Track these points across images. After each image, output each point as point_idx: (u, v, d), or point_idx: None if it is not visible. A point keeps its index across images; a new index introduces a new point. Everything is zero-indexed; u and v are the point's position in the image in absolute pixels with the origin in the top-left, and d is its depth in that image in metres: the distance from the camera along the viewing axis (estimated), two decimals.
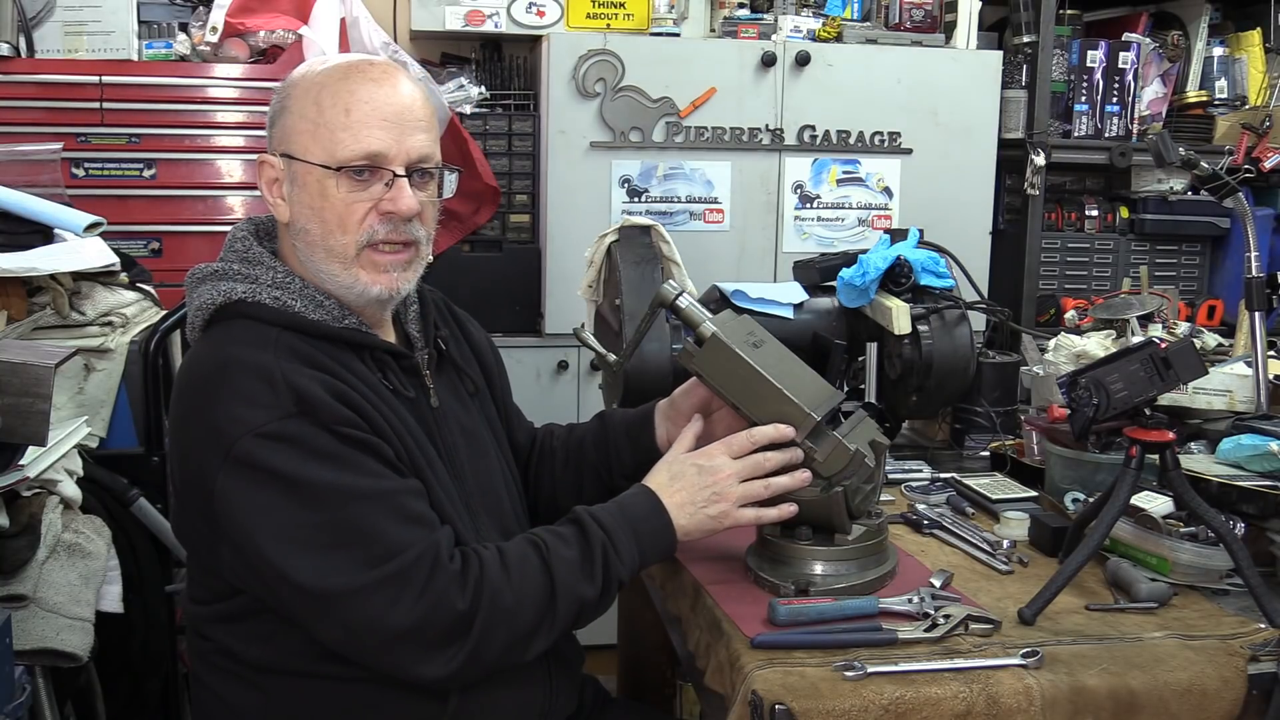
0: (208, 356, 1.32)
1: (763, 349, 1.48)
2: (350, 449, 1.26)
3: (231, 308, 1.34)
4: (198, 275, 1.40)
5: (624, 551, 1.35)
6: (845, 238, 3.33)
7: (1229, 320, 3.23)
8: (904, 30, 3.42)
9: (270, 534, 1.23)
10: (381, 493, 1.27)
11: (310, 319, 1.34)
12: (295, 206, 1.37)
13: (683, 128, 3.19)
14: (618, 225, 2.16)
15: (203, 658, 1.40)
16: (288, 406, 1.24)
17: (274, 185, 1.39)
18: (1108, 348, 2.00)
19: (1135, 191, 3.65)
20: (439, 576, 1.25)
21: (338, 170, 1.34)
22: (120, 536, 1.91)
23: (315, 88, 1.36)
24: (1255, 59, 3.64)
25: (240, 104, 3.00)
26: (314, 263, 1.38)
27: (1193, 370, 1.45)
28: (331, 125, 1.34)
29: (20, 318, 1.95)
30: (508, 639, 1.28)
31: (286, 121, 1.37)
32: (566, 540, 1.34)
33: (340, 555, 1.23)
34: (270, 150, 1.40)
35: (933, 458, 2.09)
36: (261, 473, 1.23)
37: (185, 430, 1.31)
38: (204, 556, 1.35)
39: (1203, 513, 1.45)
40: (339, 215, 1.35)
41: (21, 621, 1.58)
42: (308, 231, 1.37)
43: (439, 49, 3.59)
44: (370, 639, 1.25)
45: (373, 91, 1.35)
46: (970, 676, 1.25)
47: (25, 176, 2.22)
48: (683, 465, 1.43)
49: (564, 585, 1.31)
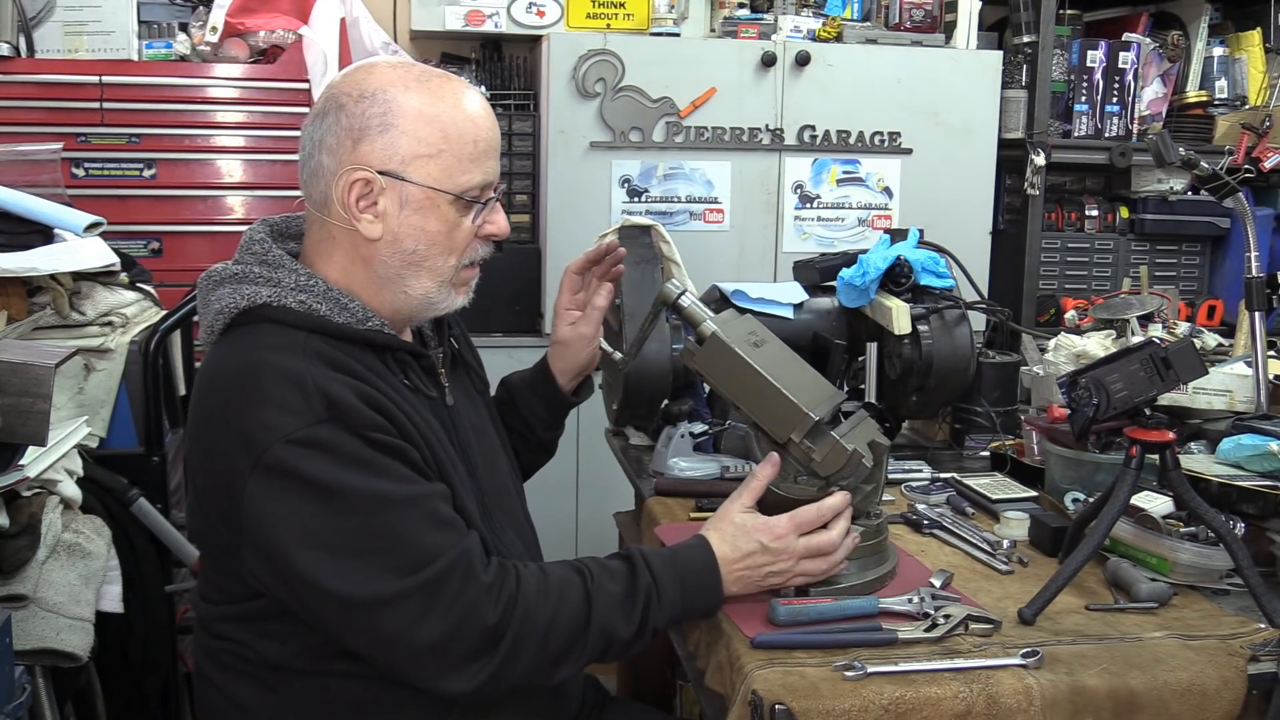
0: (234, 361, 1.30)
1: (764, 348, 1.47)
2: (381, 454, 1.26)
3: (256, 312, 1.32)
4: (214, 278, 1.37)
5: (667, 602, 1.35)
6: (845, 238, 3.33)
7: (1229, 320, 3.23)
8: (904, 30, 3.42)
9: (301, 541, 1.22)
10: (413, 498, 1.27)
11: (336, 322, 1.33)
12: (399, 227, 1.35)
13: (683, 128, 3.19)
14: (618, 225, 2.16)
15: (211, 656, 1.39)
16: (319, 412, 1.23)
17: (361, 201, 1.34)
18: (1108, 348, 2.00)
19: (1135, 191, 3.65)
20: (470, 587, 1.25)
21: (457, 197, 1.35)
22: (120, 536, 1.91)
23: (430, 112, 1.33)
24: (1255, 59, 3.64)
25: (240, 104, 3.00)
26: (399, 279, 1.37)
27: (1193, 370, 1.45)
28: (459, 155, 1.34)
29: (20, 318, 1.95)
30: (534, 660, 1.28)
31: (394, 141, 1.32)
32: (613, 575, 1.34)
33: (372, 562, 1.23)
34: (354, 165, 1.33)
35: (933, 458, 2.08)
36: (293, 480, 1.22)
37: (210, 434, 1.30)
38: (222, 559, 1.34)
39: (1203, 513, 1.45)
40: (452, 238, 1.37)
41: (21, 621, 1.58)
42: (412, 252, 1.36)
43: (439, 49, 3.59)
44: (397, 648, 1.24)
45: (487, 120, 1.38)
46: (970, 676, 1.25)
47: (25, 176, 2.22)
48: (749, 540, 1.39)
49: (600, 618, 1.31)
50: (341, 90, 1.35)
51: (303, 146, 1.38)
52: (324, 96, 1.37)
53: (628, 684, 2.24)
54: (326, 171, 1.34)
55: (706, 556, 1.38)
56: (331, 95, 1.35)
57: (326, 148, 1.34)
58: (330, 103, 1.35)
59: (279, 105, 3.01)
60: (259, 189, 3.04)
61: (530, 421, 1.71)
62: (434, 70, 1.39)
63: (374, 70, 1.36)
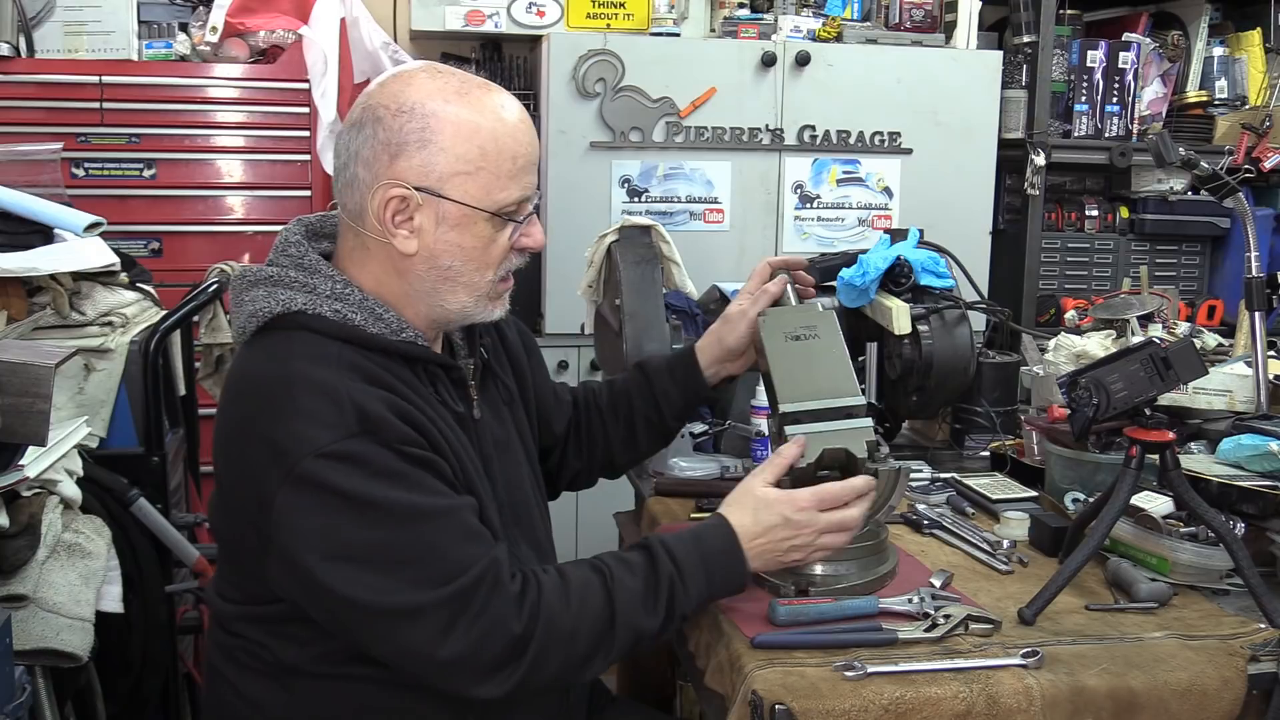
0: (267, 366, 1.30)
1: (803, 342, 1.53)
2: (413, 467, 1.26)
3: (290, 318, 1.31)
4: (249, 279, 1.36)
5: (692, 586, 1.35)
6: (845, 238, 3.33)
7: (1229, 320, 3.23)
8: (904, 30, 3.42)
9: (330, 553, 1.22)
10: (444, 510, 1.27)
11: (369, 332, 1.32)
12: (435, 243, 1.34)
13: (683, 128, 3.19)
14: (618, 225, 2.15)
15: (226, 652, 1.39)
16: (352, 426, 1.23)
17: (397, 216, 1.33)
18: (1108, 348, 2.00)
19: (1135, 191, 3.65)
20: (497, 599, 1.25)
21: (494, 214, 1.34)
22: (120, 536, 1.91)
23: (469, 128, 1.31)
24: (1255, 59, 3.64)
25: (240, 104, 3.00)
26: (435, 293, 1.36)
27: (1193, 370, 1.45)
28: (497, 172, 1.33)
29: (20, 318, 1.95)
30: (562, 663, 1.28)
31: (432, 158, 1.31)
32: (633, 569, 1.34)
33: (403, 574, 1.23)
34: (391, 180, 1.31)
35: (933, 458, 2.09)
36: (324, 492, 1.22)
37: (241, 440, 1.29)
38: (245, 561, 1.33)
39: (1203, 513, 1.45)
40: (488, 254, 1.36)
41: (21, 621, 1.58)
42: (448, 268, 1.35)
43: (439, 49, 3.59)
44: (424, 658, 1.24)
45: (527, 134, 1.36)
46: (970, 676, 1.25)
47: (25, 176, 2.22)
48: (771, 513, 1.38)
49: (624, 615, 1.30)
50: (379, 102, 1.32)
51: (337, 155, 1.36)
52: (361, 106, 1.34)
53: (628, 684, 2.24)
54: (362, 184, 1.33)
55: (728, 534, 1.38)
56: (369, 106, 1.33)
57: (362, 160, 1.32)
58: (367, 114, 1.32)
59: (279, 105, 3.01)
60: (259, 189, 3.04)
61: (662, 407, 1.69)
62: (474, 80, 1.35)
63: (413, 81, 1.33)
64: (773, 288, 1.66)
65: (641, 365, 1.74)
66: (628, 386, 1.71)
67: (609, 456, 1.73)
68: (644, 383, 1.70)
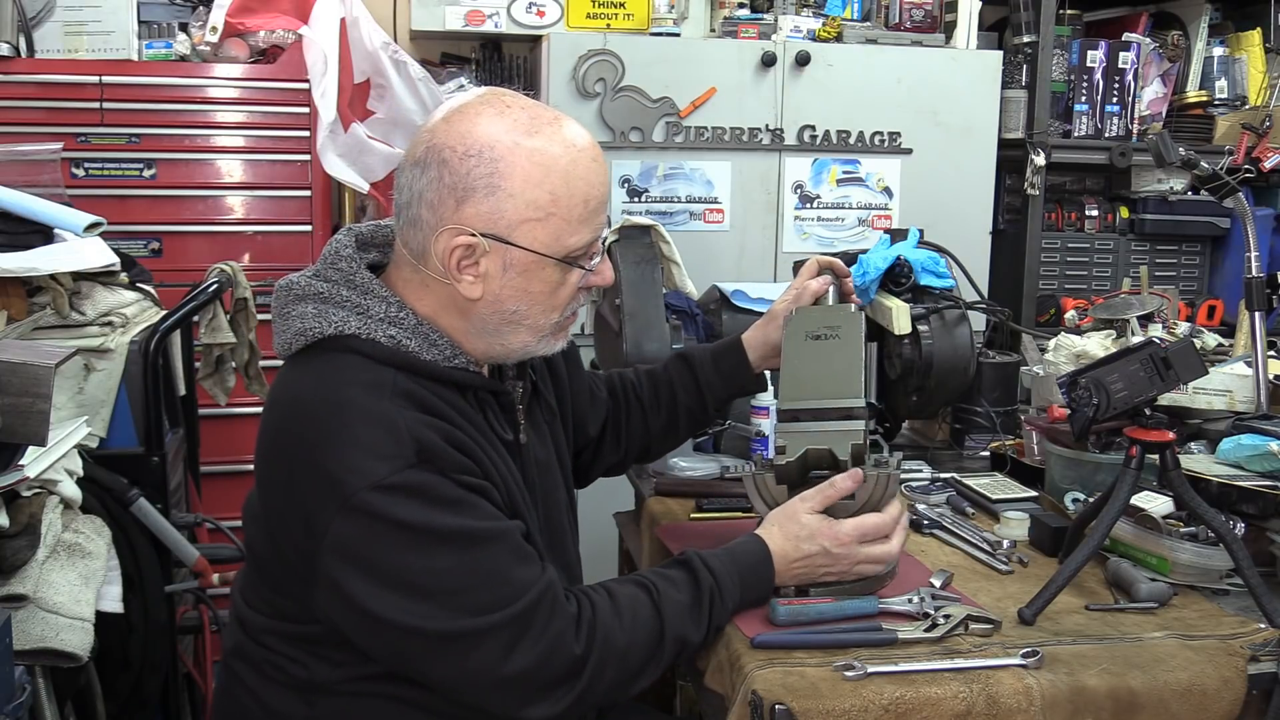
0: (318, 390, 1.27)
1: (822, 341, 1.53)
2: (467, 493, 1.25)
3: (342, 341, 1.28)
4: (296, 291, 1.32)
5: (729, 599, 1.36)
6: (845, 238, 3.33)
7: (1229, 320, 3.23)
8: (904, 30, 3.42)
9: (388, 582, 1.21)
10: (499, 533, 1.26)
11: (423, 360, 1.30)
12: (501, 289, 1.30)
13: (683, 128, 3.19)
14: (618, 225, 2.16)
15: (250, 661, 1.37)
16: (410, 457, 1.21)
17: (463, 263, 1.29)
18: (1108, 348, 2.00)
19: (1135, 191, 3.65)
20: (557, 619, 1.25)
21: (564, 260, 1.30)
22: (120, 536, 1.91)
23: (540, 172, 1.26)
24: (1255, 59, 3.64)
25: (240, 104, 3.00)
26: (497, 334, 1.34)
27: (1193, 370, 1.45)
28: (568, 218, 1.28)
29: (20, 318, 1.95)
30: (615, 680, 1.29)
31: (501, 205, 1.26)
32: (677, 585, 1.34)
33: (464, 600, 1.22)
34: (457, 226, 1.27)
35: (933, 458, 2.09)
36: (382, 523, 1.20)
37: (288, 463, 1.26)
38: (283, 581, 1.31)
39: (1203, 513, 1.45)
40: (555, 297, 1.33)
41: (21, 621, 1.58)
42: (514, 312, 1.32)
43: (439, 49, 3.59)
44: (484, 680, 1.24)
45: (599, 173, 1.31)
46: (970, 676, 1.25)
47: (25, 176, 2.22)
48: (813, 543, 1.38)
49: (672, 628, 1.31)
50: (445, 143, 1.27)
51: (399, 191, 1.31)
52: (425, 144, 1.28)
53: None
54: (426, 225, 1.28)
55: (761, 551, 1.39)
56: (434, 146, 1.27)
57: (427, 203, 1.28)
58: (432, 154, 1.27)
59: (279, 105, 3.01)
60: (259, 189, 3.04)
61: (706, 398, 1.69)
62: (543, 115, 1.30)
63: (480, 120, 1.28)
64: (815, 285, 1.65)
65: (685, 356, 1.72)
66: (670, 377, 1.70)
67: (646, 445, 1.73)
68: (688, 374, 1.69)
